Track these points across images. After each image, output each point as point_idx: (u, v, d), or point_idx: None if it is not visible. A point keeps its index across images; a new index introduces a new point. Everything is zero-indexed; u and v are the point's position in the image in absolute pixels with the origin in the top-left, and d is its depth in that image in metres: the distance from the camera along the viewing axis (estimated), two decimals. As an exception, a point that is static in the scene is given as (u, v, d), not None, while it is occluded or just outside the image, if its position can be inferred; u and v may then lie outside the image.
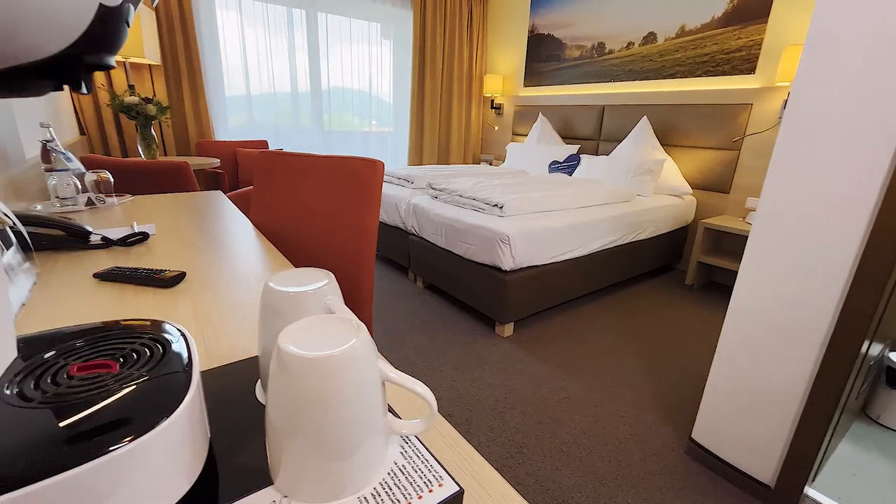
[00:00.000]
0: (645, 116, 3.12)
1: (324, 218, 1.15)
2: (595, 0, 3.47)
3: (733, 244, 2.83)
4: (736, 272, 2.85)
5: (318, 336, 0.26)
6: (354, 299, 1.14)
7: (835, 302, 1.06)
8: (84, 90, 0.20)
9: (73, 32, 0.17)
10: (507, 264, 1.91)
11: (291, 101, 3.64)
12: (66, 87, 0.20)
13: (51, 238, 0.87)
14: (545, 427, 1.47)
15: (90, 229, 0.91)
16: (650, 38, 3.16)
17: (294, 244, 1.19)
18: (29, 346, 0.27)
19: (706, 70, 2.88)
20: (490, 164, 4.62)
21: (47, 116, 1.92)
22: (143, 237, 0.95)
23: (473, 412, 1.53)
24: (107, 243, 0.91)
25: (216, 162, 2.68)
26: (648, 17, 3.14)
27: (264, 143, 3.42)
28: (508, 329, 2.08)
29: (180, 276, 0.74)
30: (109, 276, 0.73)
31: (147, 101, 2.39)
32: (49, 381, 0.24)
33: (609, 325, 2.24)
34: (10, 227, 0.71)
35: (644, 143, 3.03)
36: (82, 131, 2.79)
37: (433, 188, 2.48)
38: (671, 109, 3.04)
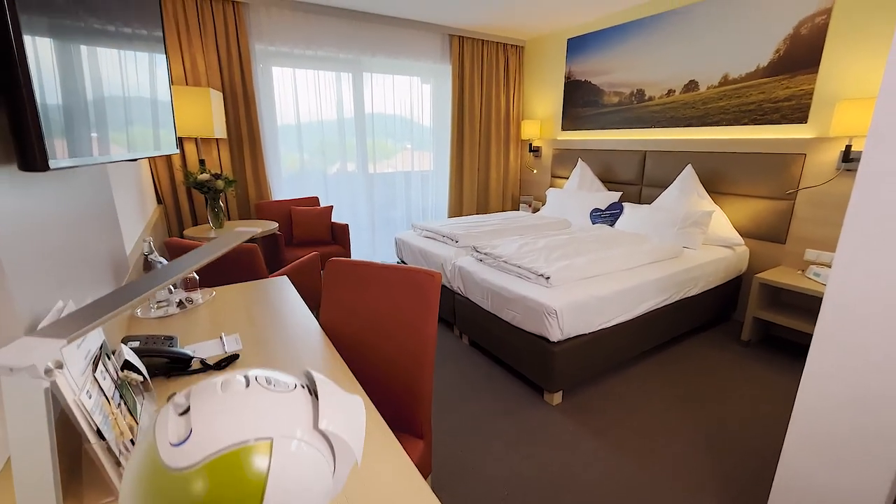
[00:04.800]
0: (689, 165, 3.08)
1: (387, 323, 1.24)
2: (631, 49, 3.50)
3: (793, 298, 2.70)
4: (797, 330, 2.70)
5: None
6: (414, 403, 1.21)
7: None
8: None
9: None
10: (555, 336, 1.93)
11: (338, 147, 3.90)
12: None
13: (160, 365, 1.00)
14: (602, 516, 1.46)
15: (191, 354, 1.03)
16: (691, 85, 3.14)
17: (360, 347, 1.28)
18: None
19: (753, 118, 2.82)
20: (529, 207, 4.67)
21: (136, 194, 2.16)
22: (235, 357, 1.06)
23: (528, 497, 1.54)
24: (204, 367, 1.03)
25: (275, 225, 2.90)
26: (688, 66, 3.13)
27: (315, 200, 3.64)
28: (557, 397, 2.08)
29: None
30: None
31: (216, 176, 2.63)
32: None
33: (661, 389, 2.19)
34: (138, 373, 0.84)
35: (690, 191, 2.98)
36: (159, 199, 3.10)
37: (477, 251, 2.55)
38: (718, 157, 2.98)
